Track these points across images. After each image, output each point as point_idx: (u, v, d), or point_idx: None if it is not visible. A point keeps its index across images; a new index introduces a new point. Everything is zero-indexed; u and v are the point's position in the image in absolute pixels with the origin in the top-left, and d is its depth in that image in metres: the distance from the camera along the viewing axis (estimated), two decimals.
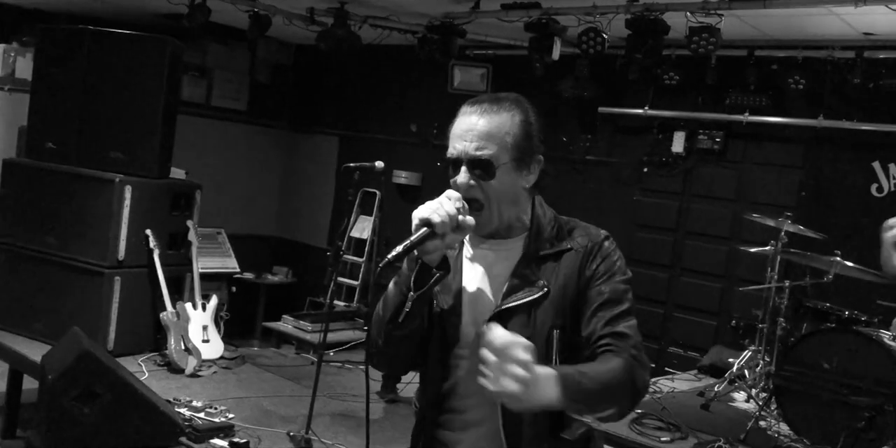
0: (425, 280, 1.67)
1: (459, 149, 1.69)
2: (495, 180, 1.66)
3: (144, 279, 5.45)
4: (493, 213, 1.70)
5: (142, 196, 5.37)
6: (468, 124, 1.69)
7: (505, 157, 1.67)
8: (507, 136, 1.68)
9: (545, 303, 1.69)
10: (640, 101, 6.38)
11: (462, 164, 1.68)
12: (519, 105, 1.74)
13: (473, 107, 1.71)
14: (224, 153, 8.07)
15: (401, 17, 6.20)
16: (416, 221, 1.63)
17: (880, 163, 5.49)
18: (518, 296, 1.69)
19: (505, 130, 1.68)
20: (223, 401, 4.71)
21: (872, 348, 4.16)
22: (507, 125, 1.68)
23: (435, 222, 1.60)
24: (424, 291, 1.67)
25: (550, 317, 1.69)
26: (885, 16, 4.49)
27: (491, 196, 1.68)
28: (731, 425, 4.47)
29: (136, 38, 5.41)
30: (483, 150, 1.66)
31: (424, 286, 1.66)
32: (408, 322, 1.69)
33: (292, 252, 8.59)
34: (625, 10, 4.96)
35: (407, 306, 1.67)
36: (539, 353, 1.59)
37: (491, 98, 1.74)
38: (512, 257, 1.75)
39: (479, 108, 1.70)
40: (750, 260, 5.66)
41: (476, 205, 1.68)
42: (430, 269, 1.67)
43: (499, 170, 1.67)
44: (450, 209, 1.62)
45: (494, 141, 1.66)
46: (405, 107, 7.81)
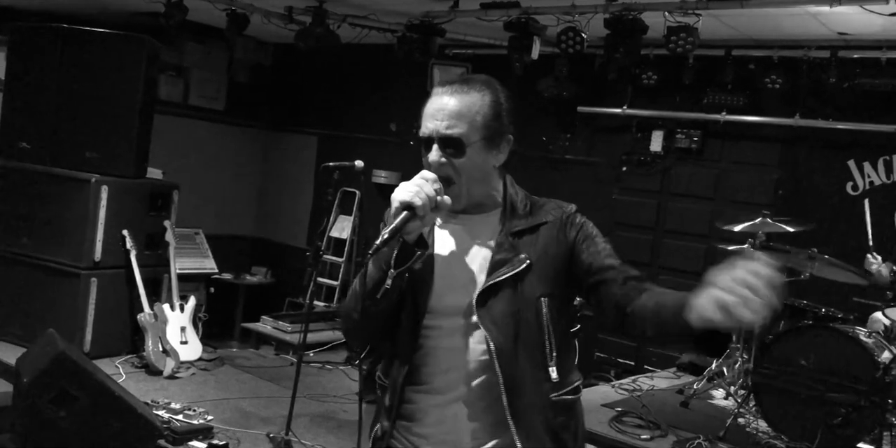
0: (405, 258, 1.72)
1: (431, 128, 1.75)
2: (466, 158, 1.73)
3: (121, 280, 5.41)
4: (462, 190, 1.77)
5: (118, 196, 5.32)
6: (440, 104, 1.75)
7: (475, 135, 1.74)
8: (478, 116, 1.74)
9: (529, 275, 1.76)
10: (619, 100, 6.41)
11: (434, 143, 1.75)
12: (489, 86, 1.80)
13: (445, 88, 1.78)
14: (202, 153, 8.00)
15: (380, 16, 6.18)
16: (395, 205, 1.68)
17: (855, 161, 5.55)
18: (503, 270, 1.75)
19: (475, 110, 1.74)
20: (202, 403, 4.68)
21: (849, 345, 4.20)
22: (478, 105, 1.75)
23: (416, 205, 1.66)
24: (405, 268, 1.73)
25: (536, 287, 1.76)
26: (859, 16, 4.53)
27: (462, 173, 1.74)
28: (710, 422, 4.50)
29: (112, 37, 5.36)
30: (453, 128, 1.72)
31: (405, 264, 1.72)
32: (385, 298, 1.74)
33: (271, 252, 8.54)
34: (603, 10, 4.97)
35: (387, 283, 1.72)
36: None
37: (462, 79, 1.81)
38: (485, 233, 1.82)
39: (450, 89, 1.76)
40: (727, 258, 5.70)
41: (447, 182, 1.75)
42: (410, 248, 1.73)
43: (469, 148, 1.73)
44: (429, 191, 1.69)
45: (465, 120, 1.73)
46: (385, 106, 7.79)
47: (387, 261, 1.73)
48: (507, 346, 1.75)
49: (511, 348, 1.75)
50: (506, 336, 1.75)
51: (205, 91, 8.04)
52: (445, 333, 1.79)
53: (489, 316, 1.76)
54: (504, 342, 1.75)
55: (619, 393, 5.11)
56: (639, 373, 5.93)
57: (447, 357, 1.79)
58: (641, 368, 6.16)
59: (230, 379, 5.44)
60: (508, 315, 1.76)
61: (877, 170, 5.48)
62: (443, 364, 1.79)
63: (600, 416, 4.52)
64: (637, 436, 4.27)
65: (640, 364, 6.26)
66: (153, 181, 5.75)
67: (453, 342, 1.79)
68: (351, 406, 5.21)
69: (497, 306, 1.76)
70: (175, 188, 5.78)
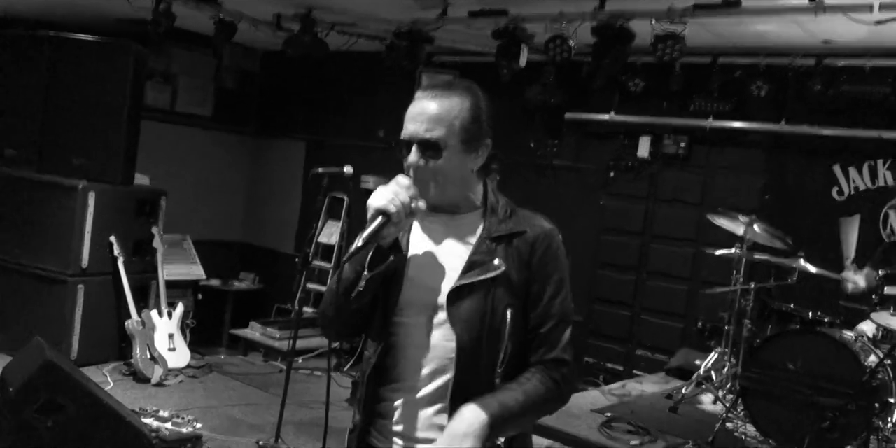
0: (379, 261, 1.78)
1: (411, 130, 1.79)
2: (443, 160, 1.77)
3: (109, 287, 5.39)
4: (439, 191, 1.80)
5: (105, 203, 5.31)
6: (420, 108, 1.79)
7: (453, 139, 1.77)
8: (456, 120, 1.78)
9: (501, 282, 1.78)
10: (606, 106, 6.44)
11: (413, 145, 1.78)
12: (470, 91, 1.83)
13: (426, 92, 1.82)
14: (189, 159, 7.98)
15: (368, 23, 6.19)
16: (371, 211, 1.75)
17: (840, 166, 5.61)
18: (476, 273, 1.78)
19: (454, 114, 1.78)
20: (191, 410, 4.67)
21: (836, 349, 4.23)
22: (457, 109, 1.78)
23: (391, 212, 1.72)
24: (378, 272, 1.78)
25: (505, 296, 1.79)
26: (843, 25, 4.58)
27: (439, 175, 1.78)
28: (699, 427, 4.52)
29: (100, 44, 5.35)
30: (432, 131, 1.76)
31: (378, 268, 1.78)
32: (359, 298, 1.80)
33: (259, 258, 8.51)
34: (591, 18, 5.00)
35: (360, 285, 1.78)
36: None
37: (443, 85, 1.85)
38: (462, 233, 1.85)
39: (430, 93, 1.81)
40: (715, 262, 5.74)
41: (422, 185, 1.79)
42: (384, 252, 1.78)
43: (446, 150, 1.77)
44: (404, 198, 1.74)
45: (443, 124, 1.77)
46: (372, 112, 7.79)
47: (361, 263, 1.78)
48: (471, 345, 1.78)
49: (474, 349, 1.78)
50: (470, 336, 1.78)
51: (192, 97, 8.02)
52: (414, 331, 1.82)
53: (458, 314, 1.78)
54: (468, 342, 1.78)
55: (609, 398, 5.13)
56: (628, 377, 5.96)
57: (415, 354, 1.82)
58: (630, 373, 6.18)
59: (219, 386, 5.42)
60: (477, 317, 1.78)
61: (862, 175, 5.54)
62: (411, 361, 1.82)
63: (590, 422, 4.53)
64: (626, 441, 4.29)
65: (628, 369, 6.28)
66: (141, 188, 5.73)
67: (421, 339, 1.82)
68: (340, 413, 5.19)
69: (466, 306, 1.78)
70: (163, 194, 5.77)
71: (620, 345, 6.40)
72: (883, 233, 5.41)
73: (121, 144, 5.33)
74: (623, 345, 6.40)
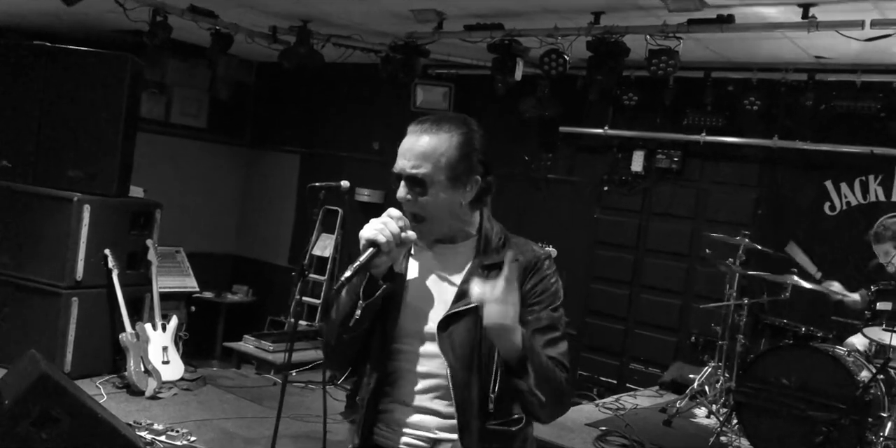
0: (373, 290, 1.82)
1: (400, 166, 1.83)
2: (429, 196, 1.80)
3: (103, 299, 5.37)
4: (432, 225, 1.85)
5: (101, 215, 5.30)
6: (409, 143, 1.82)
7: (440, 175, 1.79)
8: (442, 157, 1.79)
9: None
10: (600, 120, 6.48)
11: (402, 180, 1.83)
12: (460, 127, 1.84)
13: (417, 126, 1.84)
14: (183, 171, 7.98)
15: (364, 36, 6.22)
16: (362, 242, 1.78)
17: (832, 182, 5.65)
18: (466, 301, 1.80)
19: (440, 151, 1.80)
20: (185, 423, 4.65)
21: (829, 364, 4.26)
22: (444, 146, 1.80)
23: (381, 242, 1.76)
24: (372, 301, 1.82)
25: None
26: (835, 41, 4.63)
27: (428, 209, 1.82)
28: (693, 441, 4.53)
29: (96, 56, 5.36)
30: (418, 168, 1.79)
31: (372, 296, 1.82)
32: (357, 326, 1.85)
33: (252, 270, 8.50)
34: (586, 33, 5.04)
35: (356, 314, 1.82)
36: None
37: (435, 118, 1.86)
38: (457, 262, 1.89)
39: (420, 128, 1.83)
40: (708, 277, 5.78)
41: (417, 217, 1.83)
42: (377, 281, 1.82)
43: (433, 187, 1.80)
44: (393, 229, 1.78)
45: (430, 160, 1.79)
46: (367, 125, 7.82)
47: (357, 292, 1.82)
48: (462, 373, 1.82)
49: (465, 376, 1.82)
50: (462, 363, 1.82)
51: (187, 108, 8.02)
52: (411, 357, 1.87)
53: (449, 342, 1.83)
54: (459, 369, 1.82)
55: (603, 412, 5.13)
56: (621, 391, 5.96)
57: (412, 380, 1.87)
58: (624, 387, 6.19)
59: (213, 399, 5.40)
60: (467, 344, 1.82)
61: (853, 190, 5.58)
62: (408, 387, 1.87)
63: (584, 436, 4.54)
64: None
65: (622, 382, 6.29)
66: (136, 200, 5.73)
67: (417, 366, 1.87)
68: (334, 426, 5.18)
69: (457, 334, 1.82)
70: (158, 207, 5.77)
71: (614, 358, 6.41)
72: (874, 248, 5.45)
73: (116, 157, 5.33)
74: (617, 358, 6.41)
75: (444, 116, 1.88)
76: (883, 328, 4.24)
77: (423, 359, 1.86)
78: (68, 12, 5.45)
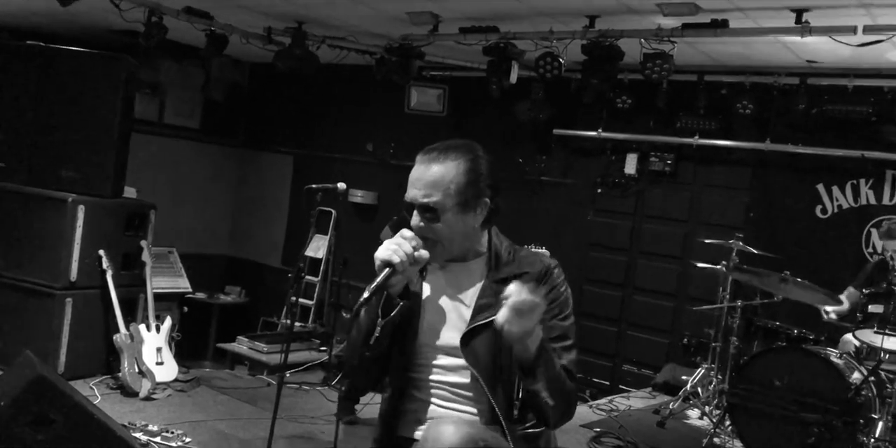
0: (391, 308, 1.90)
1: (411, 195, 1.92)
2: (441, 223, 1.89)
3: (97, 300, 5.35)
4: (445, 248, 1.94)
5: (95, 216, 5.28)
6: (418, 173, 1.92)
7: (449, 202, 1.89)
8: (451, 184, 1.88)
9: None
10: (594, 123, 6.52)
11: (414, 209, 1.92)
12: (466, 154, 1.93)
13: (425, 156, 1.93)
14: (176, 171, 7.97)
15: (359, 37, 6.23)
16: (377, 263, 1.85)
17: (824, 185, 5.71)
18: (485, 315, 1.89)
19: (448, 179, 1.88)
20: (179, 424, 4.63)
21: (821, 366, 4.29)
22: (452, 174, 1.89)
23: (395, 263, 1.83)
24: (390, 318, 1.90)
25: None
26: (827, 45, 4.68)
27: (441, 235, 1.91)
28: (686, 442, 4.56)
29: (91, 56, 5.34)
30: (429, 197, 1.88)
31: (389, 314, 1.90)
32: (377, 344, 1.93)
33: (245, 271, 8.50)
34: (581, 36, 5.08)
35: (377, 332, 1.90)
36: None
37: (441, 147, 1.95)
38: (470, 279, 1.99)
39: (428, 158, 1.92)
40: (701, 279, 5.81)
41: (430, 242, 1.91)
42: (393, 299, 1.90)
43: (444, 214, 1.89)
44: (407, 249, 1.85)
45: (439, 189, 1.88)
46: (361, 126, 7.83)
47: (375, 311, 1.90)
48: (488, 382, 1.92)
49: (490, 384, 1.92)
50: (487, 374, 1.92)
51: (180, 109, 8.02)
52: (432, 371, 1.97)
53: (473, 355, 1.92)
54: (486, 379, 1.92)
55: (597, 413, 5.16)
56: (615, 393, 5.99)
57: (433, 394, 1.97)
58: (617, 388, 6.22)
59: (207, 400, 5.39)
60: (489, 355, 1.91)
61: (845, 194, 5.63)
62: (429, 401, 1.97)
63: (579, 437, 4.56)
64: None
65: (615, 384, 6.32)
66: (130, 201, 5.71)
67: (438, 377, 1.97)
68: (329, 427, 5.19)
69: (480, 346, 1.92)
70: (152, 208, 5.75)
71: (607, 359, 6.44)
72: (865, 251, 5.50)
73: (111, 157, 5.31)
74: (610, 359, 6.44)
75: (451, 145, 1.95)
76: (874, 331, 4.28)
77: (441, 370, 1.96)
78: (63, 12, 5.45)
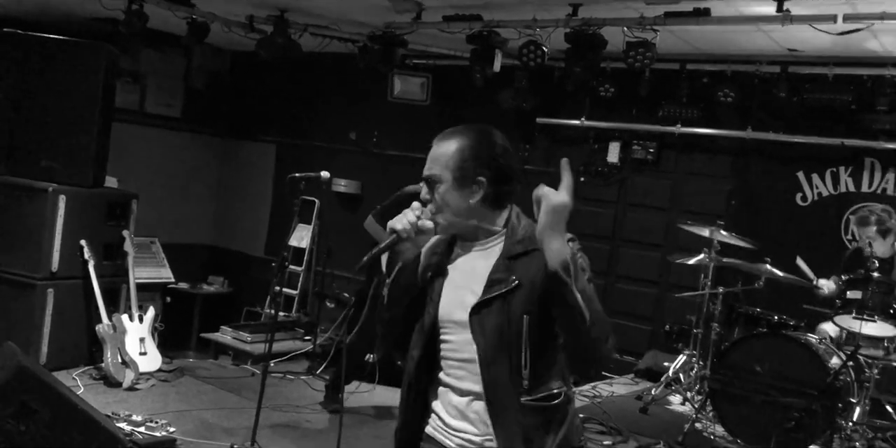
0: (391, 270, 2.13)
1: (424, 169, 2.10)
2: (439, 194, 2.06)
3: (79, 291, 5.32)
4: (447, 220, 2.07)
5: (76, 206, 5.24)
6: (431, 150, 2.10)
7: (446, 176, 2.05)
8: (450, 160, 2.05)
9: (517, 294, 2.00)
10: (577, 112, 6.53)
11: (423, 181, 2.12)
12: (471, 134, 2.08)
13: (438, 136, 2.11)
14: (157, 161, 7.91)
15: (342, 26, 6.20)
16: (388, 229, 2.06)
17: (804, 173, 5.76)
18: (494, 289, 2.02)
19: (448, 155, 2.06)
20: (163, 414, 4.63)
21: (801, 352, 4.36)
22: (451, 150, 2.06)
23: (398, 229, 2.04)
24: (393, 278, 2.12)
25: (522, 305, 2.00)
26: (808, 33, 4.72)
27: (439, 205, 2.07)
28: (668, 428, 4.61)
29: (71, 44, 5.28)
30: (431, 170, 2.07)
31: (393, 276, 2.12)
32: (392, 305, 2.16)
33: (228, 261, 8.47)
34: (564, 24, 5.08)
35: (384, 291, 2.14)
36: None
37: (454, 128, 2.11)
38: (489, 257, 2.09)
39: (439, 137, 2.10)
40: (683, 267, 5.85)
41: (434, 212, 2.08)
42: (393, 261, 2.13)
43: (441, 185, 2.06)
44: (410, 218, 2.04)
45: (439, 163, 2.06)
46: (344, 115, 7.80)
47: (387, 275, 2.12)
48: (490, 354, 2.02)
49: (493, 356, 2.02)
50: (490, 346, 2.02)
51: (161, 98, 7.95)
52: (453, 345, 2.10)
53: (480, 328, 2.03)
54: (487, 351, 2.02)
55: (580, 399, 5.20)
56: (598, 379, 6.03)
57: (457, 365, 2.10)
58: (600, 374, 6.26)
59: (191, 390, 5.38)
60: (496, 328, 2.01)
61: (824, 181, 5.69)
62: (456, 370, 2.11)
63: None
64: (599, 441, 4.36)
65: None
66: (112, 190, 5.68)
67: (459, 352, 2.09)
68: (314, 416, 5.20)
69: (488, 320, 2.02)
70: (134, 198, 5.71)
71: None
72: (844, 238, 5.57)
73: (92, 147, 5.27)
74: None
75: (464, 126, 2.12)
76: (853, 316, 4.34)
77: (454, 346, 2.09)
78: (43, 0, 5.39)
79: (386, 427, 5.05)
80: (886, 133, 5.34)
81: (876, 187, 5.53)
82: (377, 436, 4.92)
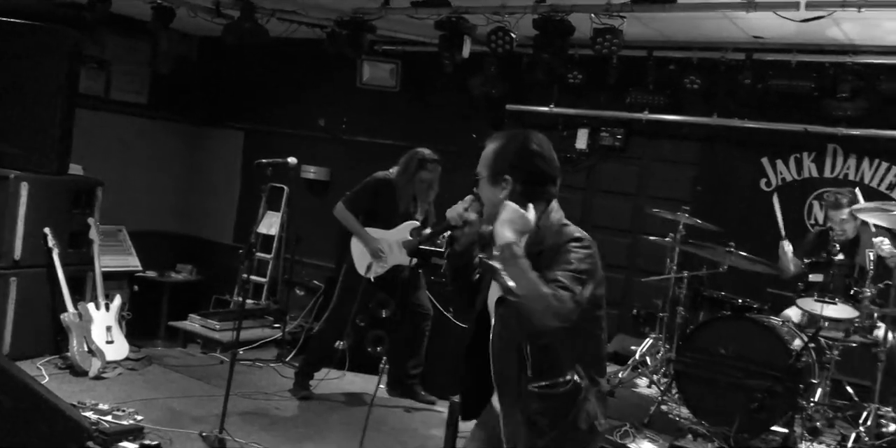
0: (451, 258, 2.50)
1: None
2: (479, 188, 2.39)
3: (43, 279, 5.26)
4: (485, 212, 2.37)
5: (39, 193, 5.18)
6: None
7: (485, 172, 2.37)
8: (488, 159, 2.37)
9: None
10: (546, 99, 6.55)
11: None
12: (505, 139, 2.39)
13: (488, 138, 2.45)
14: (124, 148, 7.80)
15: (309, 11, 6.15)
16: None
17: (768, 159, 5.84)
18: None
19: (487, 155, 2.38)
20: (131, 403, 4.61)
21: (764, 334, 4.43)
22: (491, 150, 2.38)
23: (448, 217, 2.40)
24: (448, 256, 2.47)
25: None
26: (772, 21, 4.76)
27: (483, 200, 2.38)
28: (635, 410, 4.67)
29: (33, 29, 5.20)
30: (478, 167, 2.40)
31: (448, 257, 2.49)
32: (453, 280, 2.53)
33: (197, 249, 8.40)
34: (532, 11, 5.08)
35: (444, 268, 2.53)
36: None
37: (500, 132, 2.44)
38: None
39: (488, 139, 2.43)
40: (650, 252, 5.91)
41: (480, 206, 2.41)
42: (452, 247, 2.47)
43: (481, 181, 2.38)
44: (458, 208, 2.39)
45: (482, 162, 2.40)
46: (313, 101, 7.75)
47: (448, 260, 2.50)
48: (500, 342, 2.27)
49: (504, 345, 2.26)
50: (501, 334, 2.27)
51: (127, 85, 7.84)
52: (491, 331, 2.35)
53: (499, 317, 2.29)
54: (498, 339, 2.28)
55: None
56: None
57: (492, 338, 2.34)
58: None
59: (159, 378, 5.36)
60: (508, 317, 2.23)
61: (788, 167, 5.77)
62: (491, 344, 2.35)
63: None
64: None
65: None
66: (76, 177, 5.61)
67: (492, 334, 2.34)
68: (283, 403, 5.21)
69: (504, 310, 2.25)
70: (99, 185, 5.65)
71: None
72: (807, 222, 5.66)
73: (55, 133, 5.19)
74: None
75: (508, 130, 2.45)
76: (815, 299, 4.43)
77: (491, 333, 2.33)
78: None
79: (356, 414, 5.07)
80: (847, 120, 5.42)
81: (838, 173, 5.62)
82: (347, 423, 4.93)
